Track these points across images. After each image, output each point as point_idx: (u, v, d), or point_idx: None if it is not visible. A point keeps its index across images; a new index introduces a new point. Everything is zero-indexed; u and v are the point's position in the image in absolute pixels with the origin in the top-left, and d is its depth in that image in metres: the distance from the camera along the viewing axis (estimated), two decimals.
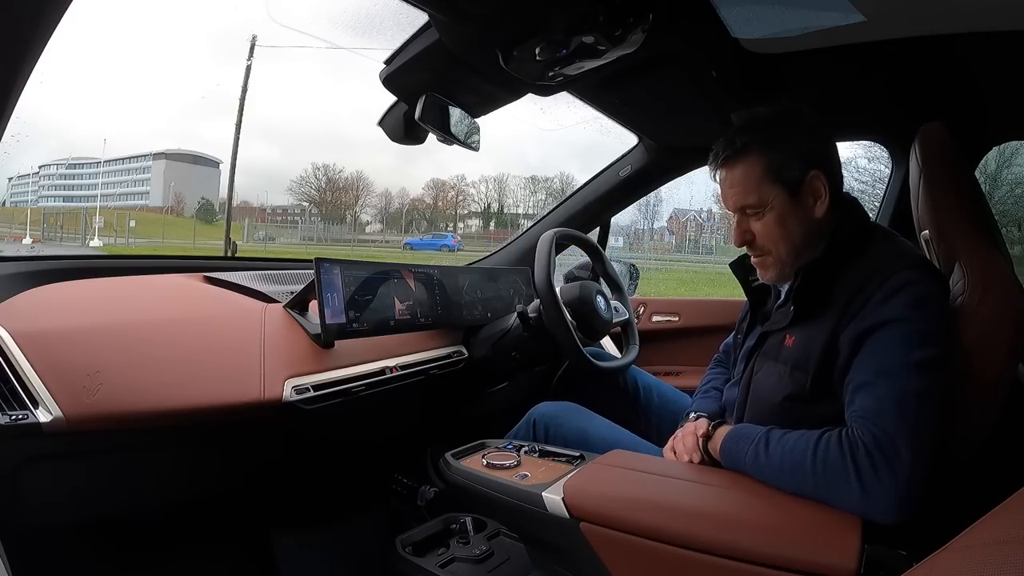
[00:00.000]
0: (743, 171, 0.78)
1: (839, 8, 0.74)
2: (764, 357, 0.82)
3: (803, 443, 0.67)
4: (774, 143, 0.78)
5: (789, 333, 0.78)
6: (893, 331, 0.67)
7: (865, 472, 0.61)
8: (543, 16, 0.79)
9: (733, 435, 0.75)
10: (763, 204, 0.78)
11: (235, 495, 1.06)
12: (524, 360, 1.26)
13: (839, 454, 0.63)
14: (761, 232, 0.79)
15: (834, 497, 0.64)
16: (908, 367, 0.65)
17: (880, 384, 0.65)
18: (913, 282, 0.69)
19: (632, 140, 1.53)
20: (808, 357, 0.73)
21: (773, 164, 0.77)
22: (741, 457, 0.72)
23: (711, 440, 0.77)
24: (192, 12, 66.10)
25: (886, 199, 1.43)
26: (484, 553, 1.00)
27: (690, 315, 1.68)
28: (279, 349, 0.94)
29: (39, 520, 0.82)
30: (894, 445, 0.61)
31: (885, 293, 0.68)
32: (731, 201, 0.81)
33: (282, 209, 29.30)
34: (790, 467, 0.67)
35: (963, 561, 0.35)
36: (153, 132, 50.86)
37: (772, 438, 0.70)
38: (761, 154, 0.77)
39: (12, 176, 26.01)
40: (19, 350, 0.75)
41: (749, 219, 0.80)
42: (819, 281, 0.75)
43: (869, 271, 0.71)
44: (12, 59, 0.42)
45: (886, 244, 0.76)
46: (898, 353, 0.65)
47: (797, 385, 0.75)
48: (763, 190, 0.77)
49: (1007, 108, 1.17)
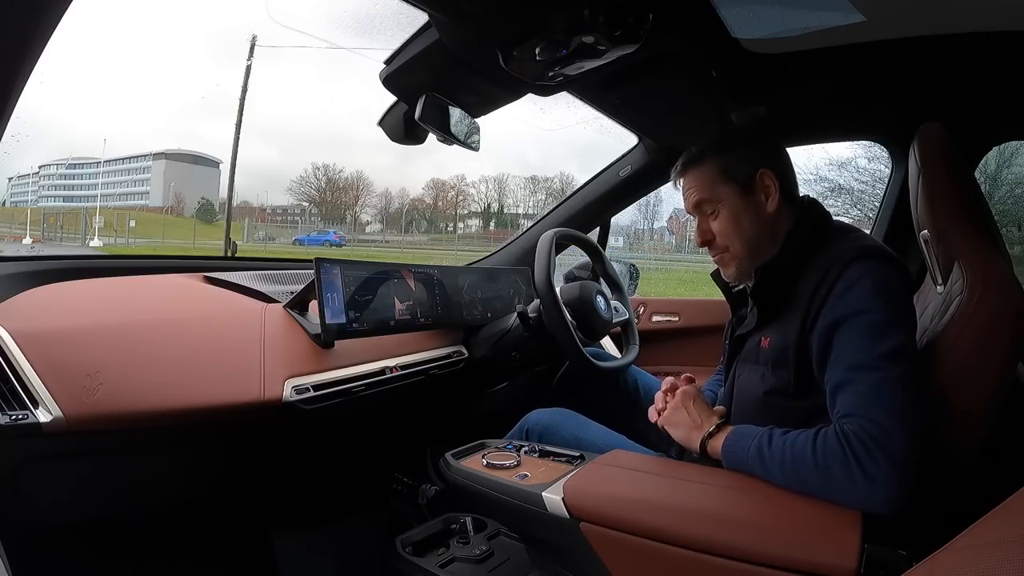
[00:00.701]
0: (698, 174, 0.86)
1: (839, 8, 0.74)
2: (744, 361, 0.86)
3: (803, 438, 0.68)
4: (724, 147, 0.85)
5: (763, 335, 0.81)
6: (858, 323, 0.69)
7: (864, 461, 0.63)
8: (543, 16, 0.79)
9: (735, 433, 0.76)
10: (716, 200, 0.84)
11: (235, 495, 1.07)
12: (524, 360, 1.26)
13: (837, 444, 0.65)
14: (718, 230, 0.85)
15: (837, 488, 0.64)
16: (879, 357, 0.67)
17: (857, 380, 0.67)
18: (869, 272, 0.71)
19: (632, 140, 1.53)
20: (785, 355, 0.76)
21: (724, 165, 0.84)
22: (743, 454, 0.72)
23: (712, 438, 0.78)
24: (192, 13, 66.13)
25: (886, 199, 1.43)
26: (484, 553, 1.01)
27: (690, 315, 1.68)
28: (279, 349, 0.94)
29: (39, 520, 0.82)
30: (885, 433, 0.63)
31: (844, 286, 0.71)
32: (689, 202, 0.87)
33: (282, 209, 29.31)
34: (792, 460, 0.68)
35: (963, 561, 0.35)
36: (153, 132, 50.97)
37: (775, 434, 0.71)
38: (713, 157, 0.85)
39: (12, 176, 26.02)
40: (19, 350, 0.75)
41: (707, 219, 0.86)
42: (777, 279, 0.79)
43: (828, 265, 0.74)
44: (12, 59, 0.42)
45: (845, 239, 0.78)
46: (866, 346, 0.68)
47: (780, 381, 0.77)
48: (716, 188, 0.84)
49: (1007, 108, 1.17)
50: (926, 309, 0.87)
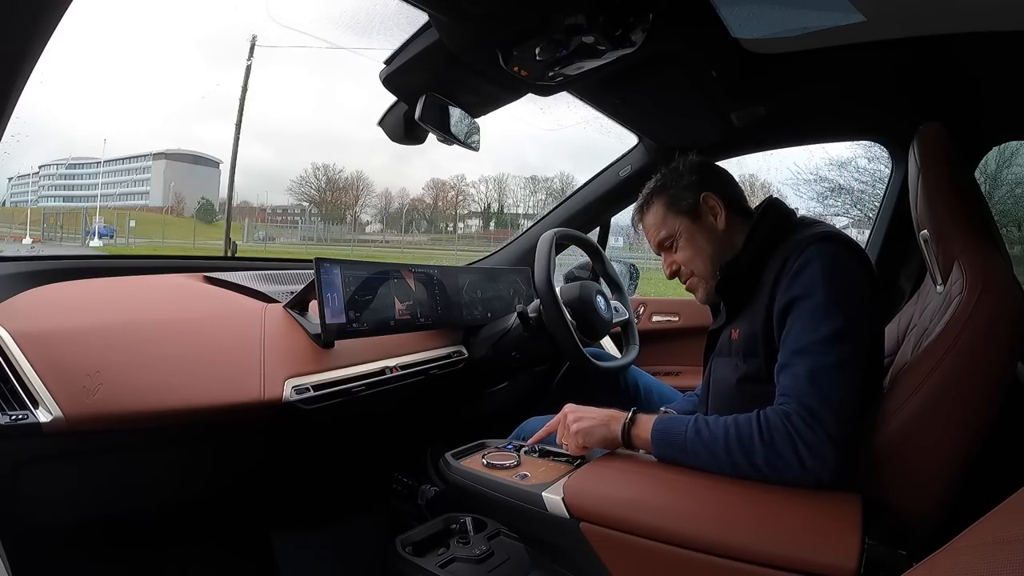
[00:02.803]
0: (651, 216, 0.94)
1: (839, 8, 0.74)
2: (718, 355, 0.90)
3: (746, 416, 0.71)
4: (664, 187, 0.93)
5: (733, 327, 0.85)
6: (802, 307, 0.73)
7: (804, 434, 0.66)
8: (543, 16, 0.79)
9: (664, 419, 0.77)
10: (672, 234, 0.91)
11: (235, 495, 1.06)
12: (524, 360, 1.26)
13: (779, 421, 0.68)
14: (681, 259, 0.91)
15: (781, 460, 0.67)
16: (816, 343, 0.70)
17: (795, 363, 0.71)
18: (820, 254, 0.74)
19: (632, 140, 1.53)
20: (755, 342, 0.80)
21: (669, 201, 0.92)
22: (680, 436, 0.73)
23: (635, 426, 0.78)
24: (192, 13, 66.14)
25: (886, 199, 1.43)
26: (484, 553, 1.00)
27: (690, 315, 1.68)
28: (279, 349, 0.94)
29: (39, 520, 0.82)
30: (816, 415, 0.67)
31: (795, 269, 0.75)
32: (652, 241, 0.95)
33: (282, 209, 29.33)
34: (736, 436, 0.70)
35: (963, 561, 0.35)
36: (152, 133, 51.04)
37: (709, 419, 0.73)
38: (659, 197, 0.93)
39: (12, 176, 26.04)
40: (19, 350, 0.75)
41: (670, 253, 0.93)
42: (739, 274, 0.83)
43: (788, 253, 0.77)
44: (12, 59, 0.42)
45: (805, 229, 0.81)
46: (808, 329, 0.71)
47: (752, 368, 0.81)
48: (669, 223, 0.91)
49: (1007, 108, 1.17)
50: (926, 309, 0.87)
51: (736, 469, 0.70)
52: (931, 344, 0.74)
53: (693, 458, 0.72)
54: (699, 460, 0.72)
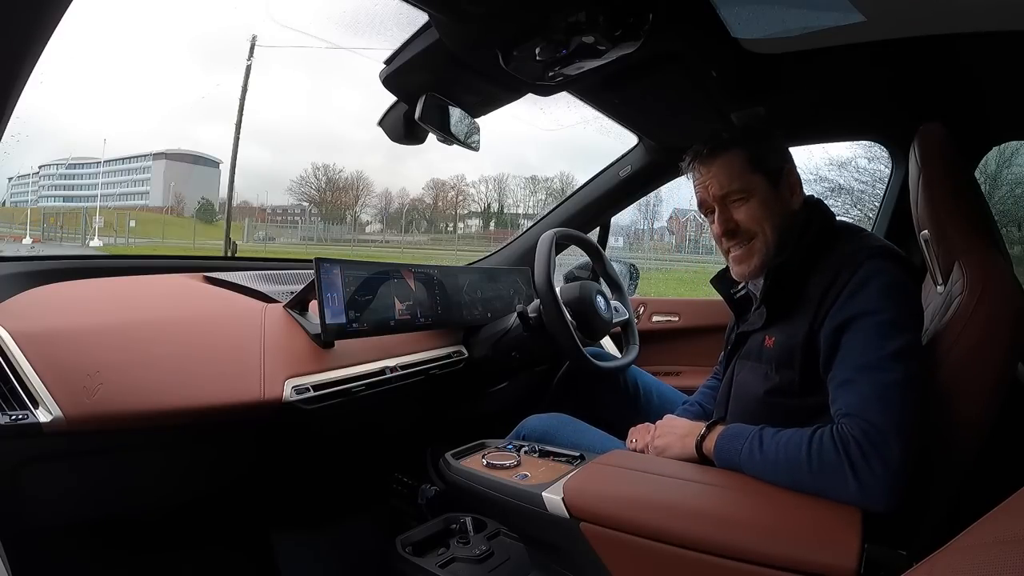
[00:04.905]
0: (725, 162, 0.83)
1: (839, 8, 0.74)
2: (745, 358, 0.86)
3: (797, 438, 0.69)
4: (754, 137, 0.84)
5: (768, 334, 0.81)
6: (866, 324, 0.70)
7: (858, 464, 0.63)
8: (543, 16, 0.79)
9: (727, 433, 0.76)
10: (746, 190, 0.82)
11: (235, 495, 1.06)
12: (524, 360, 1.26)
13: (832, 448, 0.65)
14: (746, 217, 0.82)
15: (830, 489, 0.65)
16: (884, 359, 0.67)
17: (861, 379, 0.68)
18: (879, 272, 0.72)
19: (632, 140, 1.53)
20: (791, 355, 0.77)
21: (755, 154, 0.82)
22: (736, 454, 0.73)
23: (705, 440, 0.78)
24: (192, 13, 66.15)
25: (886, 199, 1.43)
26: (484, 553, 1.01)
27: (690, 315, 1.68)
28: (279, 349, 0.94)
29: (39, 520, 0.82)
30: (882, 436, 0.63)
31: (854, 286, 0.72)
32: (714, 189, 0.83)
33: (282, 209, 29.33)
34: (785, 461, 0.68)
35: (963, 561, 0.35)
36: (152, 133, 51.01)
37: (766, 435, 0.71)
38: (742, 147, 0.83)
39: (12, 176, 26.04)
40: (19, 350, 0.75)
41: (731, 209, 0.83)
42: (787, 282, 0.79)
43: (838, 266, 0.74)
44: (12, 59, 0.42)
45: (853, 239, 0.79)
46: (874, 346, 0.68)
47: (784, 381, 0.78)
48: (746, 177, 0.82)
49: (1007, 108, 1.17)
50: (926, 309, 0.87)
51: (795, 488, 0.68)
52: (931, 344, 0.74)
53: (752, 474, 0.71)
54: (759, 476, 0.71)
